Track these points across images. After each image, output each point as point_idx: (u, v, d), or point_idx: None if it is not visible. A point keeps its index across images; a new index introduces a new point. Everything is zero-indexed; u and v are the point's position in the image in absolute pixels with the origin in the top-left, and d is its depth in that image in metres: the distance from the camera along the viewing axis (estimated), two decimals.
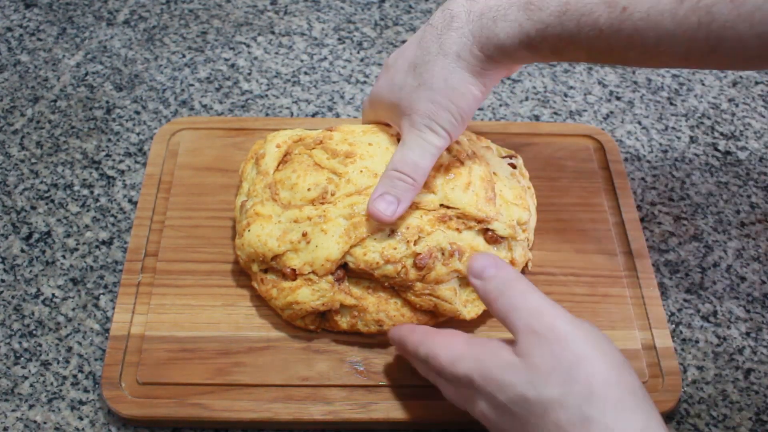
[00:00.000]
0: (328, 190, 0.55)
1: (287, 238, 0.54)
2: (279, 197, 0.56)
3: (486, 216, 0.55)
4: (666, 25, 0.44)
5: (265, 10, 0.84)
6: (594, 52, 0.48)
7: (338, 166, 0.56)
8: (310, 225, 0.54)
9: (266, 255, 0.54)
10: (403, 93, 0.53)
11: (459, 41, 0.50)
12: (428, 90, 0.52)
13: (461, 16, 0.50)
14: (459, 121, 0.52)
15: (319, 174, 0.56)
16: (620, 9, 0.45)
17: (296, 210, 0.55)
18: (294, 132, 0.61)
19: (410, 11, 0.85)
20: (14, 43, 0.80)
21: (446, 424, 0.53)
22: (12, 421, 0.53)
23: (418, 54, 0.53)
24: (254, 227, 0.55)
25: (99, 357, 0.57)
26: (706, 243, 0.65)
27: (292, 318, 0.55)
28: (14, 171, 0.68)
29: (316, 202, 0.55)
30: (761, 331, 0.60)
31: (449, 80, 0.51)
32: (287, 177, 0.56)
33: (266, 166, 0.58)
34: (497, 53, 0.50)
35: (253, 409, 0.52)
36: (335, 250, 0.53)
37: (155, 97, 0.75)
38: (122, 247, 0.63)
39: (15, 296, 0.60)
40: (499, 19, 0.49)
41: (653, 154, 0.72)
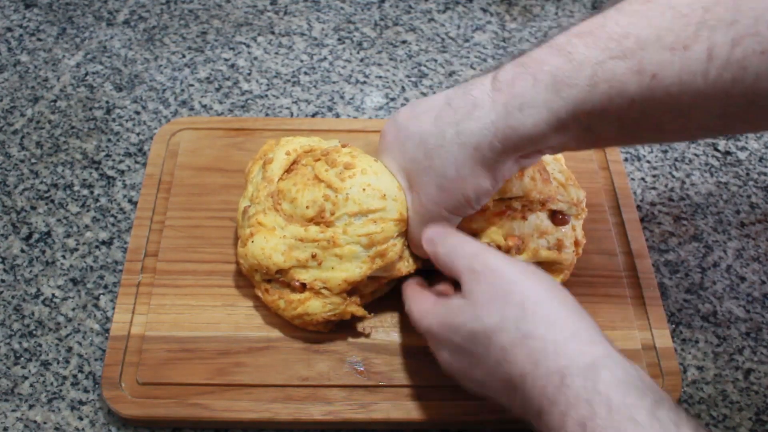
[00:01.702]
0: (326, 208, 0.53)
1: (294, 254, 0.53)
2: (281, 208, 0.55)
3: (548, 196, 0.54)
4: (699, 86, 0.42)
5: (265, 10, 0.84)
6: (626, 123, 0.46)
7: (335, 179, 0.53)
8: (318, 248, 0.53)
9: (270, 268, 0.53)
10: (412, 166, 0.52)
11: (479, 133, 0.47)
12: (438, 175, 0.50)
13: (484, 105, 0.47)
14: (468, 206, 0.51)
15: (316, 189, 0.54)
16: (649, 76, 0.43)
17: (300, 228, 0.53)
18: (308, 141, 0.59)
19: (410, 11, 0.85)
20: (14, 43, 0.80)
21: (446, 424, 0.53)
22: (12, 421, 0.53)
23: (432, 133, 0.50)
24: (258, 239, 0.54)
25: (99, 357, 0.57)
26: (706, 243, 0.65)
27: (304, 326, 0.55)
28: (14, 171, 0.68)
29: (316, 221, 0.53)
30: (761, 331, 0.60)
31: (461, 171, 0.49)
32: (288, 189, 0.55)
33: (272, 172, 0.57)
34: (522, 143, 0.47)
35: (253, 409, 0.52)
36: (356, 273, 0.52)
37: (155, 97, 0.75)
38: (122, 247, 0.63)
39: (15, 296, 0.60)
40: (527, 106, 0.46)
41: (653, 154, 0.72)
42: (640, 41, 0.43)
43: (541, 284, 0.45)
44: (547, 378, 0.41)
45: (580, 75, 0.44)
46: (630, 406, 0.38)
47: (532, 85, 0.45)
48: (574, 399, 0.39)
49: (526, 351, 0.42)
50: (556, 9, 0.85)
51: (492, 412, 0.53)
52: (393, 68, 0.79)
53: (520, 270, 0.46)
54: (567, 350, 0.41)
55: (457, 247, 0.49)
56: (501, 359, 0.43)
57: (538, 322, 0.43)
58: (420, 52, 0.80)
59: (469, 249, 0.48)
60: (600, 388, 0.39)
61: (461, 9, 0.85)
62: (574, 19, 0.84)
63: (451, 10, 0.85)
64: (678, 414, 0.38)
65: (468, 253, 0.48)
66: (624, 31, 0.44)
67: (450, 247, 0.49)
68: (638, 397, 0.38)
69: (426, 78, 0.78)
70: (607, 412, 0.38)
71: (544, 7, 0.86)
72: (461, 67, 0.79)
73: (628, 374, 0.40)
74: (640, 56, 0.43)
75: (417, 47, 0.81)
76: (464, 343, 0.45)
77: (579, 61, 0.44)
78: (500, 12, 0.85)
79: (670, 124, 0.46)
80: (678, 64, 0.42)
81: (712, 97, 0.43)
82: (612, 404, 0.38)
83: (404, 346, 0.56)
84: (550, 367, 0.41)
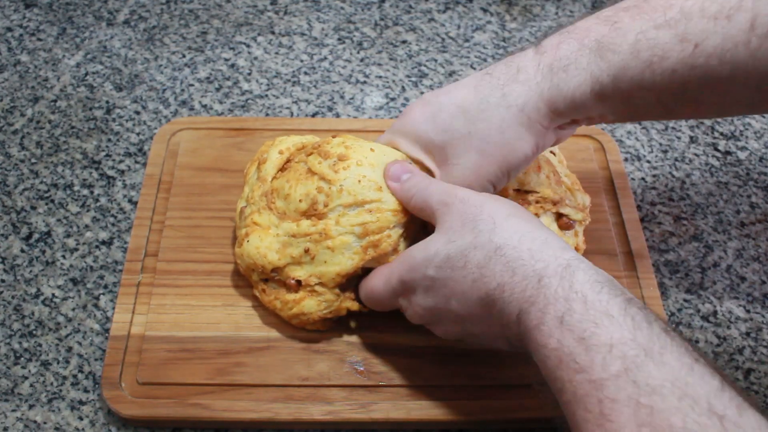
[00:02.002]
0: (319, 200, 0.52)
1: (287, 252, 0.53)
2: (275, 206, 0.55)
3: (561, 197, 0.54)
4: (740, 56, 0.43)
5: (265, 10, 0.84)
6: (666, 95, 0.47)
7: (328, 171, 0.53)
8: (311, 242, 0.52)
9: (266, 267, 0.54)
10: (448, 136, 0.51)
11: (525, 94, 0.49)
12: (480, 140, 0.50)
13: (529, 69, 0.49)
14: (505, 175, 0.51)
15: (309, 182, 0.53)
16: (692, 45, 0.44)
17: (293, 224, 0.53)
18: (301, 139, 0.59)
19: (410, 11, 0.85)
20: (14, 43, 0.80)
21: (446, 424, 0.53)
22: (12, 421, 0.53)
23: (473, 100, 0.50)
24: (253, 238, 0.54)
25: (99, 357, 0.57)
26: (706, 243, 0.65)
27: (301, 325, 0.55)
28: (14, 171, 0.68)
29: (309, 215, 0.53)
30: (761, 331, 0.60)
31: (506, 133, 0.49)
32: (281, 186, 0.55)
33: (266, 172, 0.57)
34: (565, 106, 0.48)
35: (253, 409, 0.52)
36: (348, 265, 0.52)
37: (155, 97, 0.75)
38: (122, 247, 0.63)
39: (15, 296, 0.60)
40: (571, 68, 0.47)
41: (653, 154, 0.72)
42: (684, 11, 0.44)
43: (507, 205, 0.47)
44: (524, 282, 0.42)
45: (623, 41, 0.46)
46: (604, 302, 0.39)
47: (578, 48, 0.47)
48: (552, 297, 0.40)
49: (502, 261, 0.43)
50: (556, 9, 0.85)
51: (492, 412, 0.53)
52: (393, 68, 0.79)
53: (485, 195, 0.48)
54: (542, 255, 0.43)
55: (429, 187, 0.50)
56: (477, 276, 0.44)
57: (510, 234, 0.44)
58: (420, 52, 0.80)
59: (439, 187, 0.50)
60: (576, 287, 0.40)
61: (461, 9, 0.85)
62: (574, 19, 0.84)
63: (451, 10, 0.85)
64: (648, 314, 0.39)
65: (439, 190, 0.49)
66: (668, 3, 0.45)
67: (422, 186, 0.51)
68: (612, 295, 0.40)
69: (426, 78, 0.78)
70: (583, 307, 0.39)
71: (544, 7, 0.86)
72: (461, 67, 0.79)
73: (600, 275, 0.41)
74: (683, 25, 0.44)
75: (417, 47, 0.81)
76: (438, 272, 0.46)
77: (624, 29, 0.46)
78: (500, 12, 0.85)
79: (707, 96, 0.46)
80: (720, 34, 0.43)
81: (752, 69, 0.44)
82: (587, 300, 0.39)
83: (404, 346, 0.56)
84: (527, 272, 0.42)
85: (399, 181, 0.52)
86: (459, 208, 0.47)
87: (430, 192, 0.50)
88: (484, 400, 0.53)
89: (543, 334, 0.40)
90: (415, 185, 0.51)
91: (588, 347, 0.38)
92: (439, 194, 0.49)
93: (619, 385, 0.36)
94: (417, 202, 0.51)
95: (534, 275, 0.42)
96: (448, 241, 0.46)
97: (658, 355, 0.36)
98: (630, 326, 0.38)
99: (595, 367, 0.37)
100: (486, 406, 0.53)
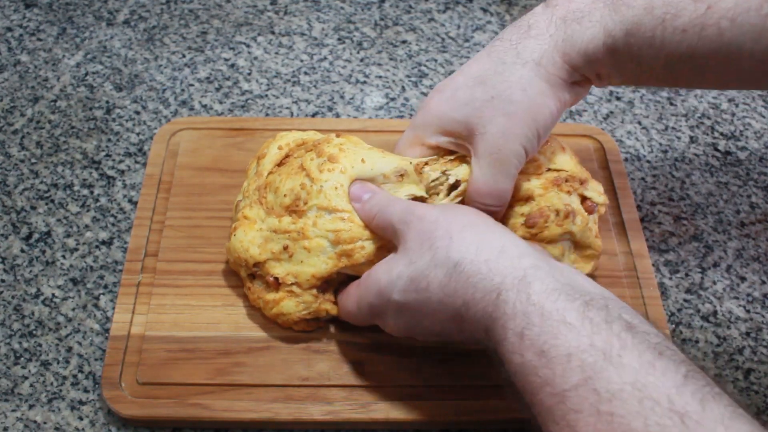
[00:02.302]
0: (301, 196, 0.53)
1: (268, 247, 0.53)
2: (266, 200, 0.55)
3: (587, 177, 0.54)
4: (751, 21, 0.44)
5: (265, 10, 0.84)
6: (674, 57, 0.47)
7: (315, 169, 0.53)
8: (290, 240, 0.53)
9: (248, 261, 0.54)
10: (470, 109, 0.50)
11: (539, 48, 0.48)
12: (503, 102, 0.49)
13: (540, 24, 0.49)
14: (536, 136, 0.50)
15: (297, 177, 0.54)
16: (705, 6, 0.45)
17: (275, 219, 0.53)
18: (302, 135, 0.59)
19: (410, 11, 0.85)
20: (14, 43, 0.80)
21: (446, 423, 0.53)
22: (12, 421, 0.53)
23: (489, 66, 0.50)
24: (239, 232, 0.54)
25: (99, 357, 0.57)
26: (706, 243, 0.65)
27: (285, 324, 0.55)
28: (14, 171, 0.68)
29: (291, 210, 0.53)
30: (761, 331, 0.60)
31: (528, 90, 0.48)
32: (274, 180, 0.55)
33: (263, 167, 0.57)
34: (579, 59, 0.48)
35: (253, 409, 0.52)
36: (323, 269, 0.52)
37: (155, 97, 0.75)
38: (122, 247, 0.63)
39: (15, 296, 0.60)
40: (585, 19, 0.47)
41: (653, 154, 0.72)
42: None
43: (462, 215, 0.47)
44: (485, 298, 0.42)
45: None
46: (561, 310, 0.39)
47: (591, 1, 0.47)
48: (511, 312, 0.40)
49: (462, 278, 0.43)
50: None
51: (492, 412, 0.53)
52: (393, 68, 0.79)
53: (441, 209, 0.48)
54: (498, 267, 0.42)
55: (389, 206, 0.50)
56: (442, 297, 0.44)
57: (466, 246, 0.44)
58: (420, 52, 0.80)
59: (400, 206, 0.49)
60: (533, 299, 0.40)
61: (461, 9, 0.85)
62: None
63: (451, 10, 0.85)
64: (609, 312, 0.39)
65: (399, 209, 0.49)
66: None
67: (383, 205, 0.50)
68: (568, 300, 0.39)
69: (426, 78, 0.78)
70: (541, 320, 0.39)
71: None
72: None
73: (557, 281, 0.41)
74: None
75: (417, 47, 0.81)
76: (404, 296, 0.46)
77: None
78: (500, 12, 0.85)
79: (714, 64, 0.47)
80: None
81: (760, 36, 0.44)
82: (544, 311, 0.39)
83: (404, 346, 0.56)
84: (486, 287, 0.42)
85: (360, 201, 0.52)
86: (417, 226, 0.47)
87: (390, 211, 0.49)
88: (484, 400, 0.53)
89: (507, 351, 0.40)
90: (376, 204, 0.51)
91: (549, 360, 0.37)
92: (399, 213, 0.49)
93: (580, 395, 0.36)
94: (379, 222, 0.50)
95: (493, 290, 0.42)
96: (409, 263, 0.46)
97: (617, 357, 0.36)
98: (588, 331, 0.37)
99: (557, 380, 0.37)
100: (486, 406, 0.53)
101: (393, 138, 0.68)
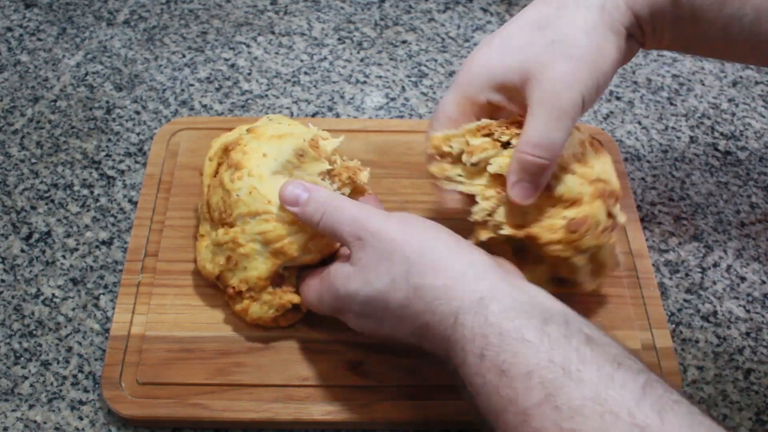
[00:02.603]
0: (224, 209, 0.53)
1: (216, 260, 0.54)
2: (208, 215, 0.56)
3: (620, 194, 0.52)
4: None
5: (265, 10, 0.84)
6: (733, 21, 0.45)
7: (228, 181, 0.53)
8: (229, 250, 0.53)
9: (209, 276, 0.55)
10: (528, 54, 0.46)
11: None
12: (566, 45, 0.45)
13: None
14: (596, 87, 0.46)
15: (218, 191, 0.54)
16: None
17: (215, 233, 0.54)
18: (227, 137, 0.58)
19: (410, 11, 0.85)
20: (14, 43, 0.80)
21: (446, 423, 0.53)
22: (12, 421, 0.53)
23: (547, 11, 0.47)
24: (198, 249, 0.56)
25: (99, 357, 0.57)
26: (706, 243, 0.65)
27: (269, 325, 0.55)
28: (14, 171, 0.68)
29: (222, 223, 0.53)
30: (761, 331, 0.60)
31: (591, 35, 0.45)
32: (210, 195, 0.55)
33: (204, 183, 0.58)
34: (644, 7, 0.45)
35: (253, 409, 0.52)
36: (264, 270, 0.53)
37: (155, 97, 0.75)
38: (122, 247, 0.63)
39: (15, 296, 0.60)
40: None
41: (653, 154, 0.72)
42: None
43: (422, 233, 0.45)
44: (443, 322, 0.42)
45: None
46: (519, 328, 0.38)
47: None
48: (469, 334, 0.40)
49: (422, 302, 0.43)
50: None
51: None
52: (393, 68, 0.79)
53: (400, 226, 0.45)
54: (456, 292, 0.42)
55: (336, 212, 0.47)
56: (402, 316, 0.44)
57: (425, 272, 0.43)
58: (420, 52, 0.80)
59: (349, 214, 0.47)
60: (491, 320, 0.40)
61: (461, 9, 0.85)
62: None
63: (451, 10, 0.85)
64: (568, 327, 0.38)
65: (349, 219, 0.46)
66: None
67: (328, 211, 0.48)
68: (526, 318, 0.39)
69: (426, 78, 0.78)
70: (500, 339, 0.39)
71: None
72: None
73: (515, 301, 0.40)
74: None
75: (417, 47, 0.81)
76: (363, 308, 0.46)
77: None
78: (500, 12, 0.85)
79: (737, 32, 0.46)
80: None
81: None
82: (503, 331, 0.39)
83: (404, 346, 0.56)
84: (444, 311, 0.42)
85: (297, 204, 0.49)
86: (373, 245, 0.45)
87: (338, 220, 0.47)
88: None
89: (468, 373, 0.40)
90: (318, 209, 0.48)
91: (510, 378, 0.37)
92: (350, 225, 0.46)
93: (543, 413, 0.36)
94: (325, 227, 0.48)
95: (451, 314, 0.41)
96: (366, 282, 0.45)
97: (576, 372, 0.36)
98: (547, 347, 0.37)
99: (519, 398, 0.37)
100: None
101: (393, 138, 0.68)
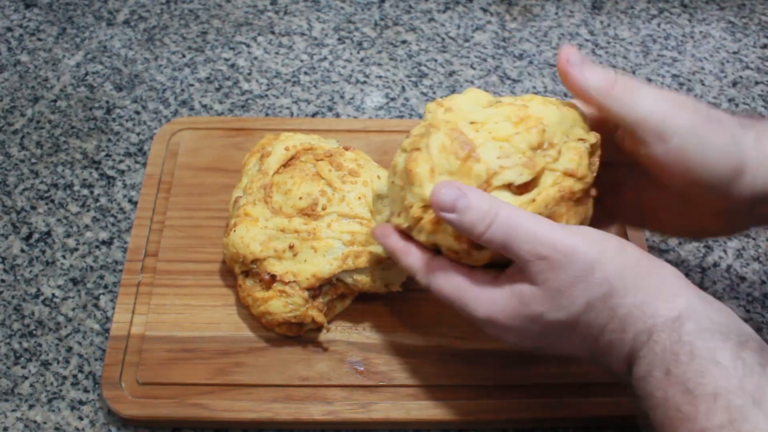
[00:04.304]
0: (319, 202, 0.54)
1: (271, 245, 0.54)
2: (272, 200, 0.56)
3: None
4: None
5: (265, 10, 0.84)
6: None
7: (336, 180, 0.56)
8: (298, 239, 0.54)
9: (247, 257, 0.54)
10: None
11: None
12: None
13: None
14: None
15: (314, 184, 0.55)
16: None
17: (284, 219, 0.54)
18: (308, 138, 0.60)
19: (410, 11, 0.85)
20: (14, 43, 0.80)
21: (446, 424, 0.53)
22: (12, 421, 0.53)
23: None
24: (239, 228, 0.55)
25: (99, 357, 0.57)
26: (706, 243, 0.65)
27: (270, 325, 0.55)
28: (14, 171, 0.68)
29: (305, 213, 0.54)
30: (761, 331, 0.60)
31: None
32: (284, 181, 0.56)
33: (268, 166, 0.57)
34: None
35: (253, 409, 0.52)
36: (326, 270, 0.53)
37: (155, 97, 0.75)
38: (122, 247, 0.63)
39: (15, 296, 0.60)
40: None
41: None
42: None
43: (616, 251, 0.42)
44: (634, 339, 0.41)
45: None
46: (713, 350, 0.38)
47: None
48: (660, 351, 0.39)
49: (615, 321, 0.41)
50: (556, 9, 0.85)
51: (492, 412, 0.53)
52: (393, 68, 0.79)
53: (593, 245, 0.42)
54: (653, 309, 0.41)
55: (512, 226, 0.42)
56: (587, 335, 0.42)
57: (625, 292, 0.41)
58: (420, 52, 0.80)
59: (525, 229, 0.42)
60: (684, 338, 0.39)
61: (461, 9, 0.85)
62: (574, 19, 0.84)
63: (451, 10, 0.85)
64: (763, 356, 0.38)
65: (525, 235, 0.41)
66: None
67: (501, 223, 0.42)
68: (722, 340, 0.38)
69: (426, 78, 0.78)
70: (690, 358, 0.38)
71: (544, 7, 0.86)
72: (461, 67, 0.79)
73: (712, 321, 0.40)
74: None
75: (417, 47, 0.81)
76: (545, 330, 0.43)
77: None
78: (500, 12, 0.85)
79: None
80: None
81: None
82: (694, 350, 0.38)
83: (404, 346, 0.56)
84: (638, 328, 0.41)
85: (455, 211, 0.42)
86: (564, 266, 0.41)
87: (511, 235, 0.42)
88: (484, 400, 0.53)
89: (650, 385, 0.39)
90: (481, 219, 0.42)
91: (694, 397, 0.37)
92: (530, 242, 0.41)
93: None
94: (492, 240, 0.42)
95: (645, 332, 0.40)
96: (558, 307, 0.42)
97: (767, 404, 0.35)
98: (740, 373, 0.37)
99: (700, 417, 0.36)
100: (486, 406, 0.53)
101: (393, 138, 0.68)
